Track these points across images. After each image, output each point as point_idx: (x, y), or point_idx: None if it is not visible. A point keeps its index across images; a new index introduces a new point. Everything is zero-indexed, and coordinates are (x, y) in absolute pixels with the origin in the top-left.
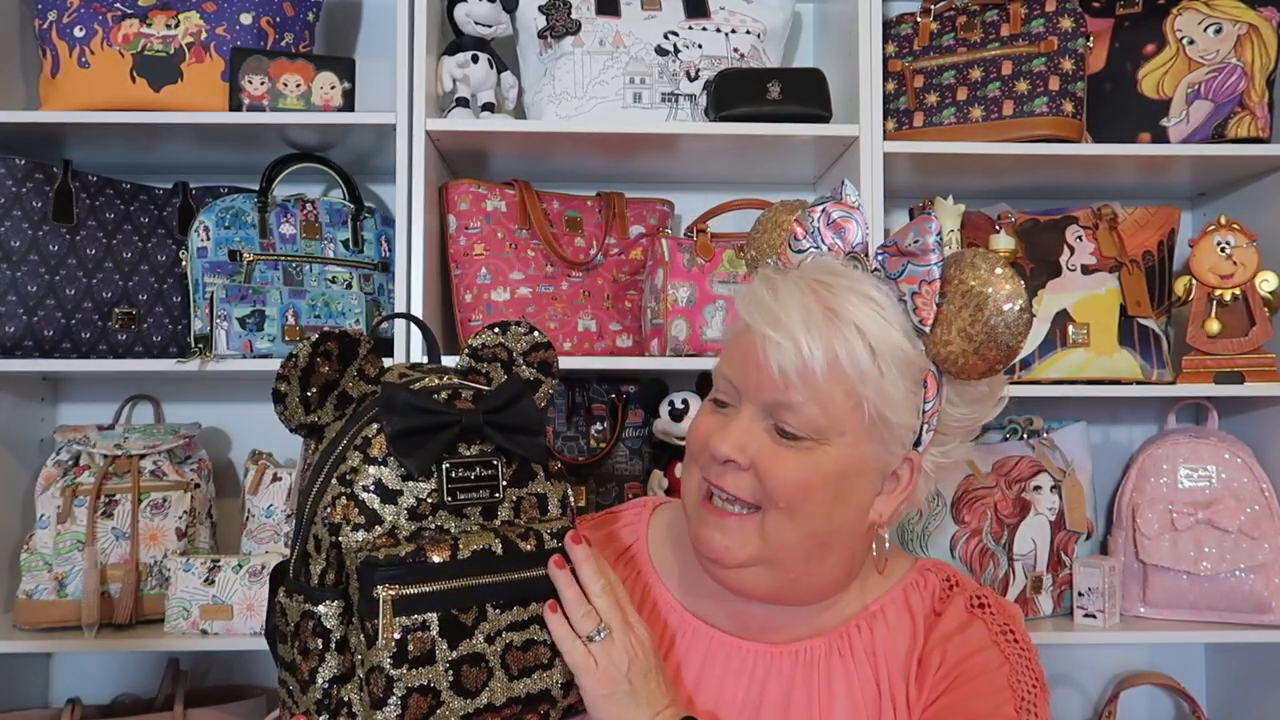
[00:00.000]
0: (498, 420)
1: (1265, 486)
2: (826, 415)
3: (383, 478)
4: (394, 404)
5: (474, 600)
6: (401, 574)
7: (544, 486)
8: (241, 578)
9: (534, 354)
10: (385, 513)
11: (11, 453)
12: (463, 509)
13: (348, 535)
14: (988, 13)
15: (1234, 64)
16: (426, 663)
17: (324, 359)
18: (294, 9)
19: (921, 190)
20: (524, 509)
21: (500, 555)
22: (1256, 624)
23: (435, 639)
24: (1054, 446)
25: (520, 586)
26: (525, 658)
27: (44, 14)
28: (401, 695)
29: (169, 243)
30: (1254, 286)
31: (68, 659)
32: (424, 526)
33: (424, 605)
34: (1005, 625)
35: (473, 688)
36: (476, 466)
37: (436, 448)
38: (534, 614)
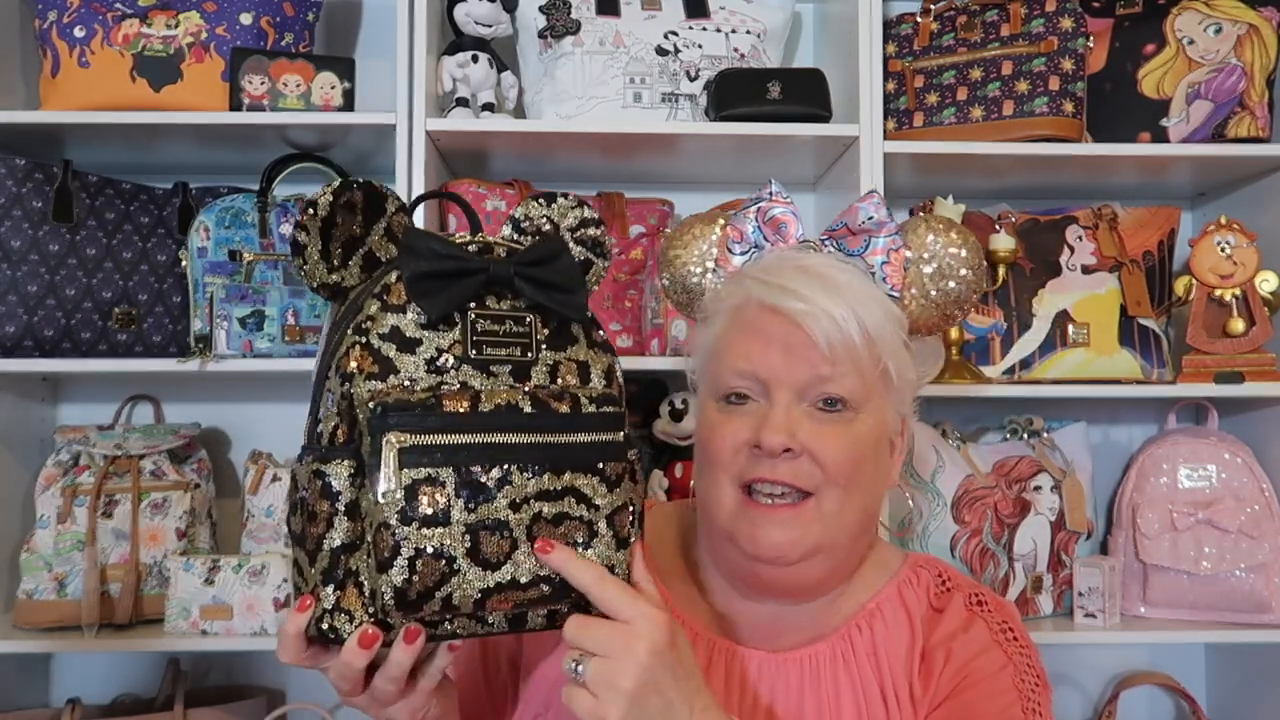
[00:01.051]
0: (532, 274)
1: (1265, 486)
2: (863, 381)
3: (401, 325)
4: (414, 246)
5: (497, 459)
6: (412, 421)
7: (586, 353)
8: (241, 578)
9: (583, 230)
10: (402, 362)
11: (11, 453)
12: (489, 366)
13: (359, 385)
14: (988, 13)
15: (1234, 64)
16: (439, 523)
17: (347, 211)
18: (294, 9)
19: (921, 190)
20: (562, 374)
21: (529, 413)
22: (1256, 624)
23: (450, 497)
24: (1054, 446)
25: (552, 451)
26: (556, 532)
27: (44, 14)
28: (409, 557)
29: (169, 243)
30: (1254, 286)
31: (68, 659)
32: (445, 381)
33: (438, 458)
34: (1004, 623)
35: (494, 558)
36: (507, 321)
37: (459, 294)
38: (569, 485)
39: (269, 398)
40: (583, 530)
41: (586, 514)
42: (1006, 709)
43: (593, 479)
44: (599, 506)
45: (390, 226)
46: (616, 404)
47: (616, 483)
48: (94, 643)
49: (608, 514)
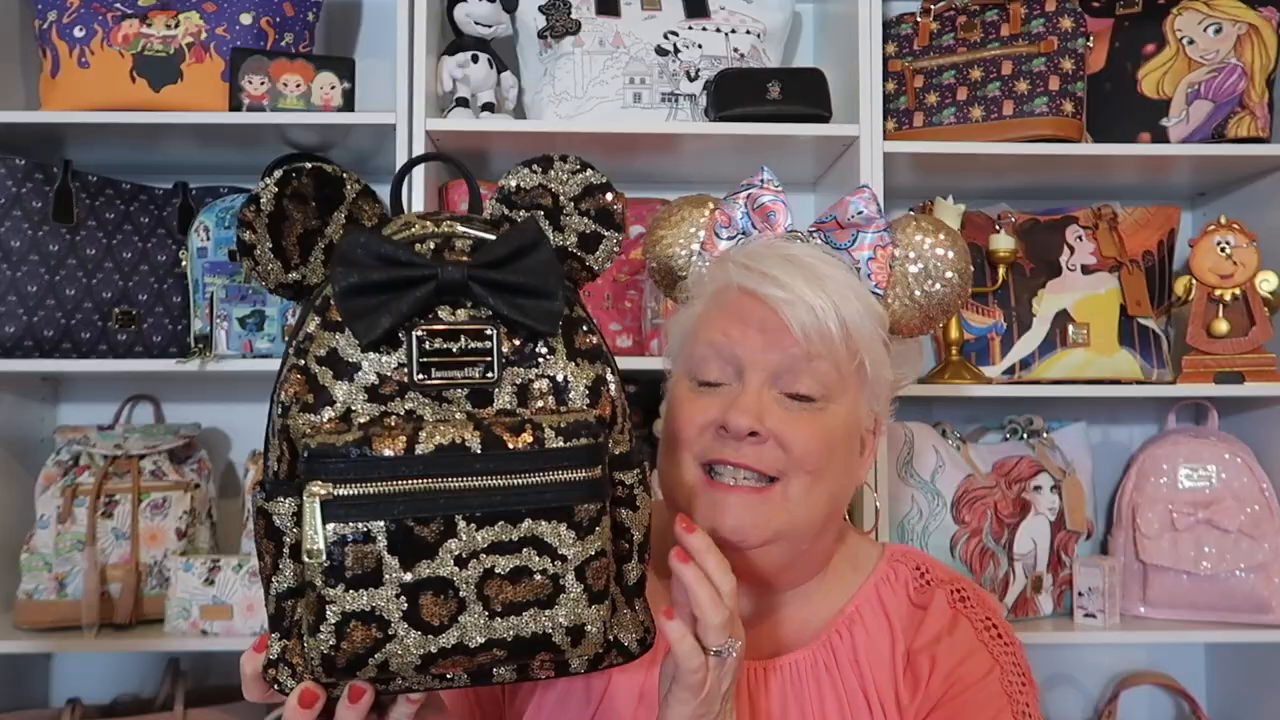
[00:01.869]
0: (492, 277)
1: (1265, 486)
2: (838, 373)
3: (338, 347)
4: (347, 253)
5: (438, 509)
6: (338, 469)
7: (565, 367)
8: (241, 578)
9: (590, 199)
10: (338, 391)
11: (11, 453)
12: (442, 392)
13: (295, 418)
14: (988, 13)
15: (1234, 64)
16: (370, 584)
17: (296, 201)
18: (294, 9)
19: (921, 190)
20: (532, 396)
21: (477, 453)
22: (1256, 624)
23: (382, 555)
24: (1054, 446)
25: (507, 496)
26: (513, 590)
27: (44, 14)
28: (336, 622)
29: (169, 243)
30: (1254, 286)
31: (68, 659)
32: (389, 411)
33: (366, 511)
34: (987, 619)
35: (435, 621)
36: (461, 337)
37: (398, 310)
38: (528, 534)
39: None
40: (545, 588)
41: (551, 566)
42: (998, 715)
43: (558, 526)
44: (565, 557)
45: (354, 213)
46: (592, 432)
47: (589, 528)
48: (94, 643)
49: (577, 565)
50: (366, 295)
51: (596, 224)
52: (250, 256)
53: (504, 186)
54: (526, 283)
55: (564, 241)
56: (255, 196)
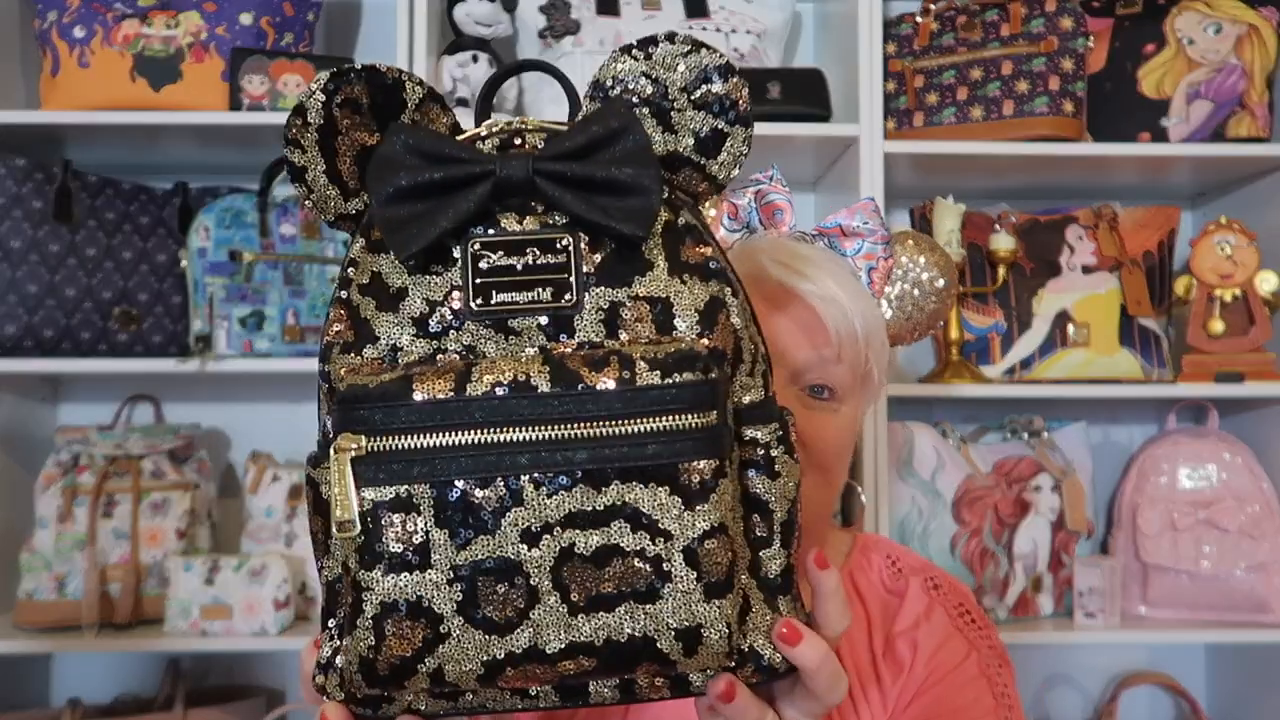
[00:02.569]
0: (564, 170)
1: (1265, 486)
2: (852, 377)
3: (382, 271)
4: (387, 152)
5: (497, 469)
6: (373, 418)
7: (668, 284)
8: (241, 578)
9: (707, 87)
10: (381, 324)
11: (11, 453)
12: (508, 321)
13: (335, 361)
14: (988, 12)
15: (1234, 64)
16: (415, 566)
17: (348, 113)
18: (294, 9)
19: (921, 190)
20: (624, 323)
21: (545, 393)
22: (1257, 624)
23: (429, 529)
24: (1054, 446)
25: (590, 450)
26: (600, 577)
27: (44, 14)
28: (374, 615)
29: (169, 243)
30: (1254, 286)
31: (68, 659)
32: (443, 348)
33: (407, 471)
34: (960, 605)
35: (500, 617)
36: (528, 249)
37: (444, 216)
38: (617, 502)
39: (269, 398)
40: (642, 574)
41: (650, 545)
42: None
43: (658, 491)
44: (669, 533)
45: (418, 123)
46: (702, 365)
47: (702, 493)
48: (94, 643)
49: (686, 545)
50: (409, 201)
51: (717, 118)
52: (303, 182)
53: (598, 79)
54: (609, 175)
55: (676, 145)
56: (300, 108)
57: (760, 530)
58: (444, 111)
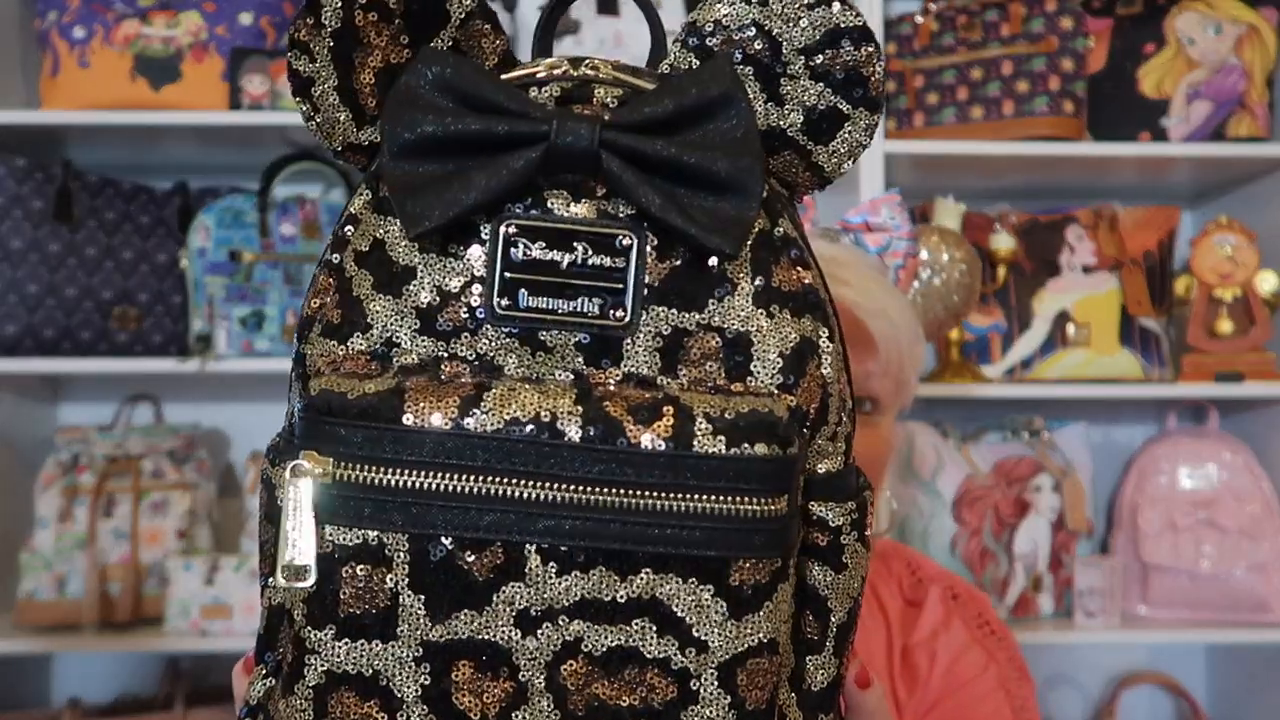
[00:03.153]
0: (642, 147)
1: (1265, 486)
2: (894, 387)
3: (387, 239)
4: (411, 86)
5: (499, 530)
6: (346, 437)
7: (747, 315)
8: (241, 578)
9: (832, 54)
10: (376, 309)
11: (11, 453)
12: (540, 333)
13: (314, 342)
14: (988, 12)
15: (1234, 64)
16: (376, 634)
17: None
18: (294, 9)
19: (922, 190)
20: (687, 358)
21: (573, 443)
22: (1257, 623)
23: (399, 590)
24: (1054, 446)
25: (619, 524)
26: (608, 687)
27: (44, 14)
28: (317, 684)
29: (169, 242)
30: (1254, 286)
31: (68, 659)
32: (451, 353)
33: (382, 513)
34: (979, 616)
35: (475, 713)
36: (578, 244)
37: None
38: (645, 595)
39: (269, 398)
40: (663, 691)
41: (678, 656)
42: (997, 711)
43: (699, 590)
44: (705, 645)
45: (462, 45)
46: (779, 435)
47: (754, 600)
48: (94, 643)
49: (723, 661)
50: (434, 157)
51: (838, 94)
52: (307, 98)
53: (695, 22)
54: (701, 163)
55: (780, 120)
56: (314, 3)
57: (811, 632)
58: (496, 34)
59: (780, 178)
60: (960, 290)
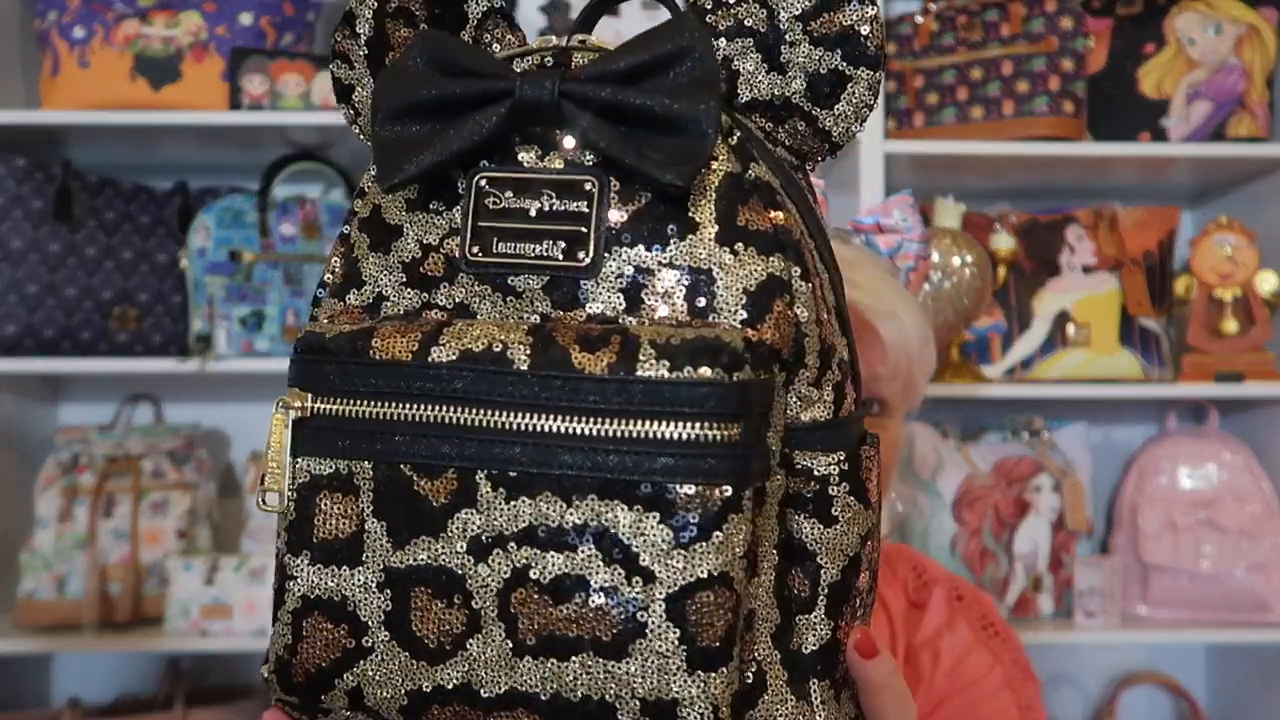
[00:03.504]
0: (598, 95)
1: (1265, 486)
2: (902, 391)
3: (383, 205)
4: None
5: (451, 459)
6: (324, 374)
7: (709, 253)
8: (241, 578)
9: (828, 17)
10: (369, 267)
11: (11, 453)
12: (509, 278)
13: (323, 305)
14: (988, 12)
15: (1234, 64)
16: (345, 560)
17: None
18: (294, 9)
19: (922, 190)
20: (650, 295)
21: (520, 371)
22: (1257, 623)
23: (364, 516)
24: (1054, 446)
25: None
26: (555, 613)
27: (44, 14)
28: (294, 609)
29: (169, 242)
30: (1254, 286)
31: (68, 659)
32: (432, 302)
33: (350, 442)
34: (984, 618)
35: (431, 640)
36: (545, 191)
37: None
38: (590, 522)
39: (269, 398)
40: (610, 620)
41: (624, 587)
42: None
43: (644, 516)
44: (652, 574)
45: (480, 41)
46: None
47: (703, 530)
48: (94, 643)
49: (672, 592)
50: (412, 120)
51: (839, 58)
52: (348, 103)
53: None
54: (653, 106)
55: (785, 88)
56: (349, 15)
57: (799, 588)
58: (511, 31)
59: (791, 148)
60: (971, 294)
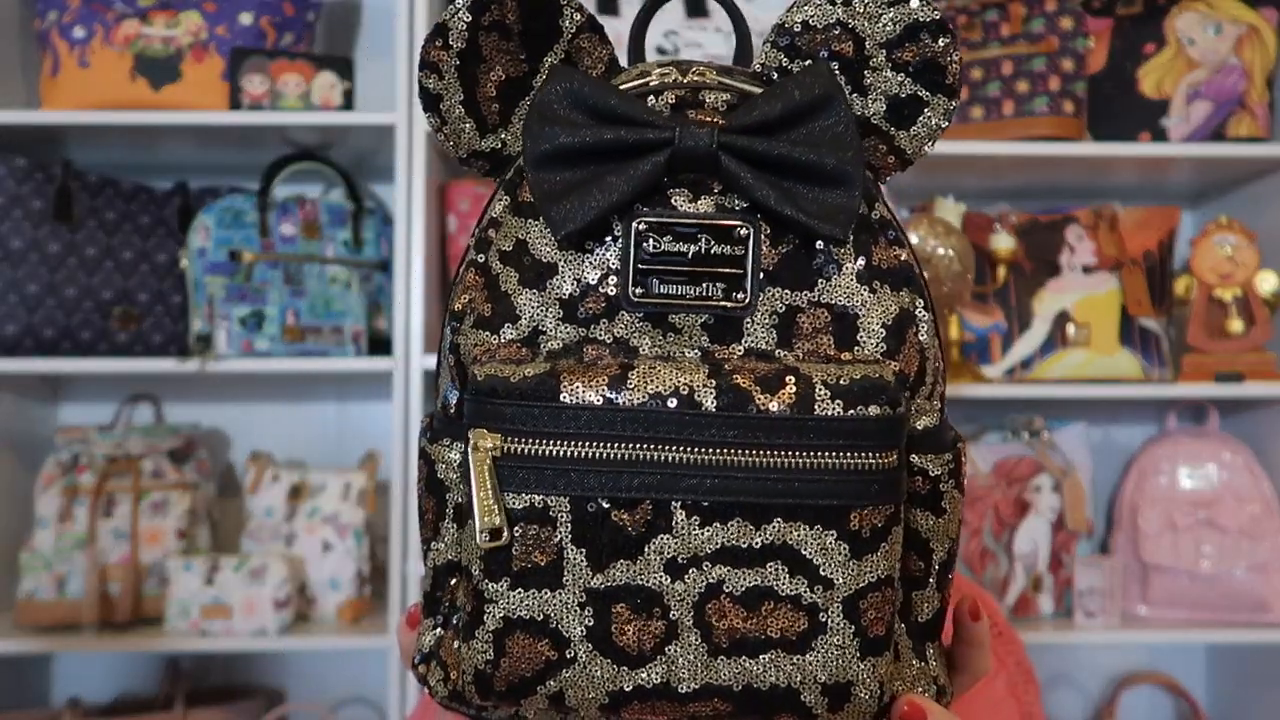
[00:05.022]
0: (755, 148)
1: (1265, 486)
2: None
3: (529, 239)
4: (547, 103)
5: (646, 489)
6: (511, 414)
7: (853, 293)
8: (241, 577)
9: (911, 47)
10: (523, 302)
11: (11, 453)
12: (669, 316)
13: (466, 334)
14: (987, 13)
15: (1234, 64)
16: (545, 584)
17: (495, 38)
18: (294, 9)
19: (921, 190)
20: (800, 333)
21: (710, 413)
22: (1257, 624)
23: (564, 546)
24: (1054, 446)
25: (751, 480)
26: (748, 620)
27: (44, 14)
28: (496, 629)
29: (169, 242)
30: (1254, 286)
31: (68, 659)
32: (591, 337)
33: (545, 479)
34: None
35: (633, 648)
36: (701, 236)
37: (610, 189)
38: (776, 542)
39: (269, 398)
40: (796, 622)
41: (807, 593)
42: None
43: (824, 535)
44: (831, 582)
45: (573, 56)
46: (889, 397)
47: (871, 543)
48: (94, 643)
49: (848, 595)
50: (570, 165)
51: (917, 83)
52: (436, 113)
53: (784, 24)
54: (809, 159)
55: (865, 110)
56: (442, 26)
57: (917, 570)
58: (602, 43)
59: (867, 163)
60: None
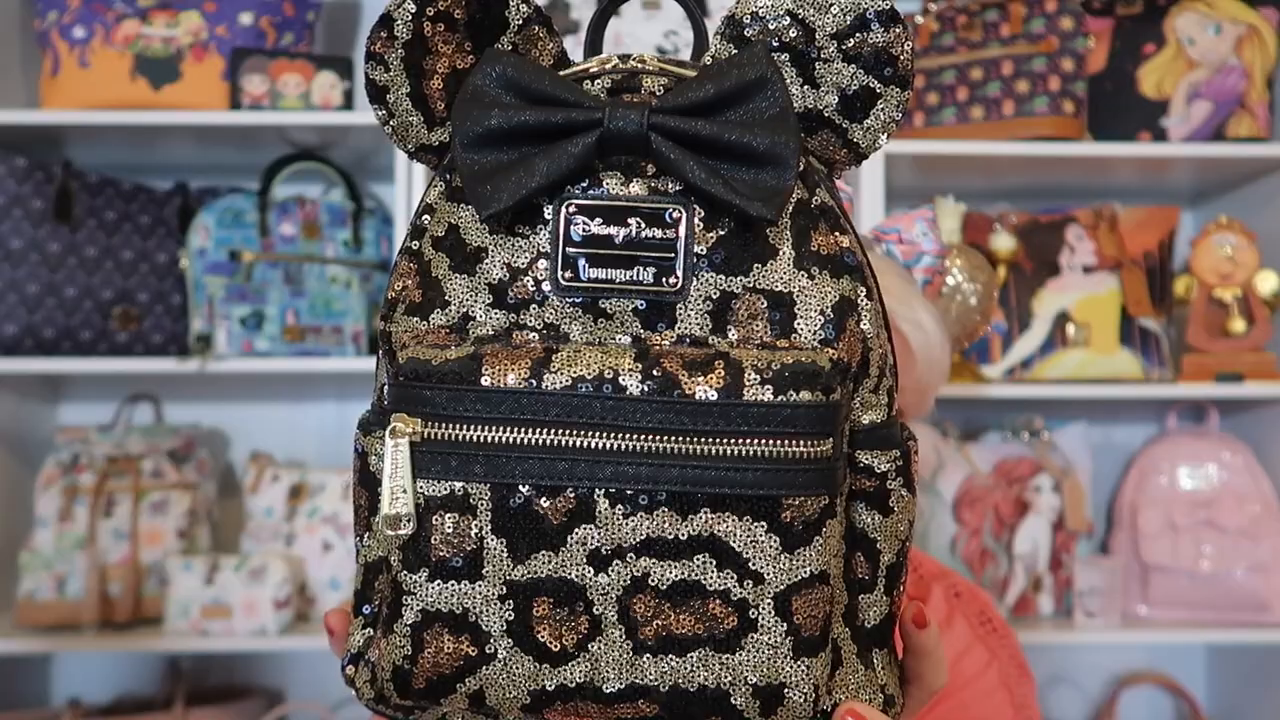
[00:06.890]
0: (687, 128)
1: (1265, 486)
2: (919, 397)
3: (461, 224)
4: (478, 85)
5: (569, 476)
6: (433, 399)
7: (789, 277)
8: (241, 578)
9: (862, 37)
10: (453, 287)
11: (11, 453)
12: (600, 301)
13: (397, 321)
14: (988, 12)
15: (1234, 64)
16: (464, 574)
17: (441, 29)
18: (294, 9)
19: (922, 190)
20: (735, 319)
21: (635, 397)
22: (1257, 624)
23: (484, 535)
24: (1054, 446)
25: (679, 468)
26: (675, 616)
27: (44, 14)
28: (414, 622)
29: (169, 242)
30: (1254, 286)
31: (68, 659)
32: (520, 323)
33: (466, 466)
34: (981, 613)
35: (554, 644)
36: (632, 220)
37: (537, 170)
38: (705, 533)
39: (269, 398)
40: (725, 619)
41: (736, 588)
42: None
43: (754, 527)
44: (761, 577)
45: (521, 49)
46: (822, 384)
47: (805, 535)
48: (94, 643)
49: (779, 591)
50: (499, 147)
51: (870, 74)
52: (383, 105)
53: (733, 15)
54: (740, 140)
55: (817, 102)
56: (387, 17)
57: (862, 572)
58: (550, 37)
59: (819, 155)
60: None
